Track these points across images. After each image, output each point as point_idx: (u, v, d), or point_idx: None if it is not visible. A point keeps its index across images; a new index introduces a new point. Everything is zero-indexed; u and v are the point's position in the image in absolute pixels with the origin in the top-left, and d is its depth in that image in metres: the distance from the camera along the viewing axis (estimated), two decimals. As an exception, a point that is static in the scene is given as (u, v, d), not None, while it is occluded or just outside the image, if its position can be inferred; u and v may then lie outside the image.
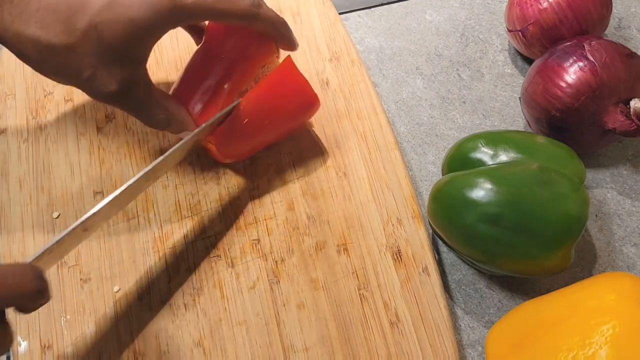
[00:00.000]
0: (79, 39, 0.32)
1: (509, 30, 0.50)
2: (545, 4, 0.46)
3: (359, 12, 0.56)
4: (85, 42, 0.32)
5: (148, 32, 0.34)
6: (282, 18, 0.40)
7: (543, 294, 0.38)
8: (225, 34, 0.40)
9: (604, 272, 0.43)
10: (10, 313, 0.28)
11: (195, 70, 0.40)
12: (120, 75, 0.33)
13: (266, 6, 0.39)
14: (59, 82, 0.35)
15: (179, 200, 0.42)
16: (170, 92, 0.40)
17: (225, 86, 0.40)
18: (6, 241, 0.41)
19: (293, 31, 0.41)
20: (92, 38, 0.32)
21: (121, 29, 0.32)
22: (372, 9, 0.56)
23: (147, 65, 0.36)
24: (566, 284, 0.37)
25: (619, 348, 0.30)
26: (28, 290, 0.27)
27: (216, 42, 0.41)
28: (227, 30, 0.41)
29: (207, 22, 0.42)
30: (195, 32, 0.43)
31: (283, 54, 0.44)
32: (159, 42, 0.36)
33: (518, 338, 0.35)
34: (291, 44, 0.42)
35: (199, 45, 0.41)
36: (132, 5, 0.32)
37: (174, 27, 0.35)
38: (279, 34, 0.40)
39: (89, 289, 0.39)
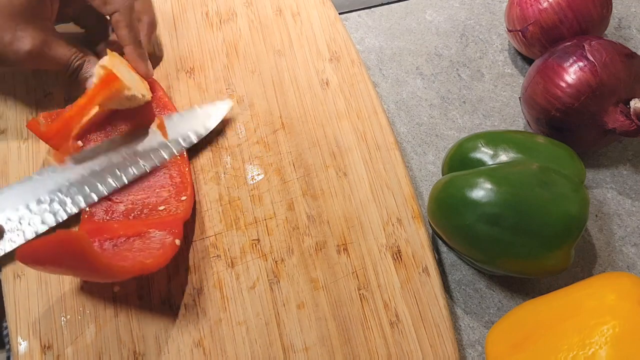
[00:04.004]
0: None
1: (509, 30, 0.50)
2: (545, 4, 0.46)
3: (359, 12, 0.56)
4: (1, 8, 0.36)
5: None
6: (137, 29, 0.42)
7: (543, 294, 0.38)
8: None
9: (604, 272, 0.43)
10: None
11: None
12: (32, 34, 0.38)
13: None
14: None
15: (179, 200, 0.42)
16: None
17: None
18: (6, 241, 0.41)
19: (293, 31, 0.41)
20: (4, 3, 0.37)
21: None
22: (372, 9, 0.56)
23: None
24: (566, 284, 0.37)
25: (619, 348, 0.30)
26: None
27: None
28: None
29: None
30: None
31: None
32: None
33: (518, 338, 0.35)
34: (132, 42, 0.42)
35: None
36: None
37: None
38: (122, 33, 0.41)
39: (89, 289, 0.39)
